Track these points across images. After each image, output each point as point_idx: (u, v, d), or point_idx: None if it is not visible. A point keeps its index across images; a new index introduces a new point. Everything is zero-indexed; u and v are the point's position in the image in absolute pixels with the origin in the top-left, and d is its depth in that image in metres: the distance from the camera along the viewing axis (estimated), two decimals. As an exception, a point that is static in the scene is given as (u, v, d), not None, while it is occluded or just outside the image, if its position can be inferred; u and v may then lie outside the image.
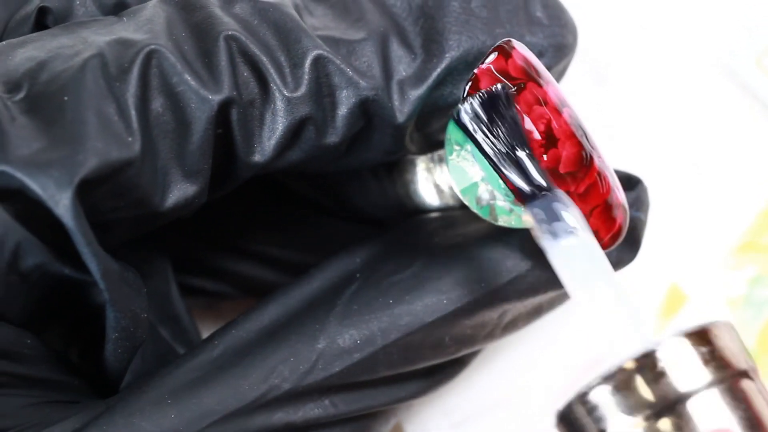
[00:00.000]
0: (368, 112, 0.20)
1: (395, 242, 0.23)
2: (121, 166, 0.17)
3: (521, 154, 0.19)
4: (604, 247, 0.19)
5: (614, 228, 0.19)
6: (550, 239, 0.18)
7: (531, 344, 0.29)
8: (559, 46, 0.22)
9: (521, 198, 0.19)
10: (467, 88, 0.19)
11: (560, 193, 0.18)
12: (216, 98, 0.18)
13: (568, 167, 0.19)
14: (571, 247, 0.17)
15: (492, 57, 0.19)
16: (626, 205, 0.20)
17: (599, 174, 0.19)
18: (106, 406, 0.19)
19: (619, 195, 0.20)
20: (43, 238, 0.18)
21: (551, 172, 0.19)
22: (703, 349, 0.16)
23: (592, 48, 0.31)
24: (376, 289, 0.21)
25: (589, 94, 0.31)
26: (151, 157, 0.18)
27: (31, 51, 0.18)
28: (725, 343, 0.16)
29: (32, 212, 0.17)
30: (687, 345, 0.16)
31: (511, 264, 0.21)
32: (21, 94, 0.17)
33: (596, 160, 0.19)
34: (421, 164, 0.24)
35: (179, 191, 0.19)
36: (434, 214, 0.24)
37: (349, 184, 0.25)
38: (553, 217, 0.18)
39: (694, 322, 0.29)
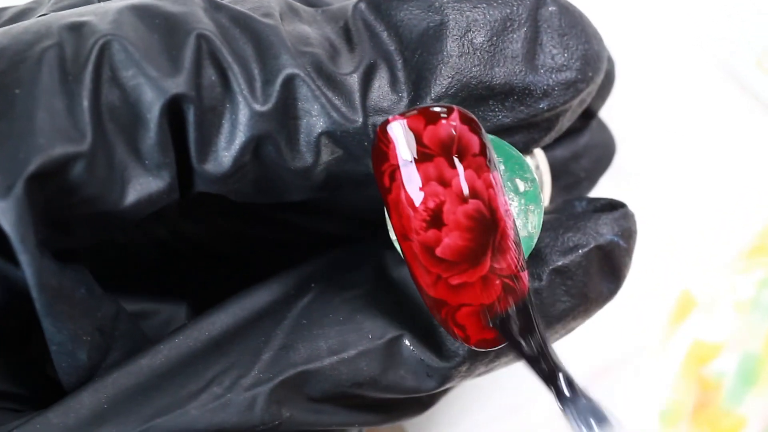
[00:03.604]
0: (341, 143, 0.19)
1: (359, 253, 0.22)
2: (66, 162, 0.17)
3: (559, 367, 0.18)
4: (469, 344, 0.19)
5: (487, 336, 0.18)
6: None
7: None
8: (568, 84, 0.20)
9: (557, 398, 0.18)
10: (377, 131, 0.18)
11: (595, 401, 0.18)
12: (171, 89, 0.18)
13: (447, 255, 0.18)
14: None
15: (415, 111, 0.18)
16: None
17: (485, 279, 0.18)
18: (47, 408, 0.18)
19: (511, 310, 0.18)
20: None
21: (424, 246, 0.18)
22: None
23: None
24: (329, 305, 0.20)
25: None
26: (105, 152, 0.17)
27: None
28: None
29: None
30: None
31: None
32: None
33: (490, 266, 0.18)
34: None
35: (141, 187, 0.18)
36: None
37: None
38: (589, 425, 0.17)
39: (702, 328, 0.29)
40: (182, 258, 0.25)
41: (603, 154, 0.27)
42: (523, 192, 0.20)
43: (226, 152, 0.18)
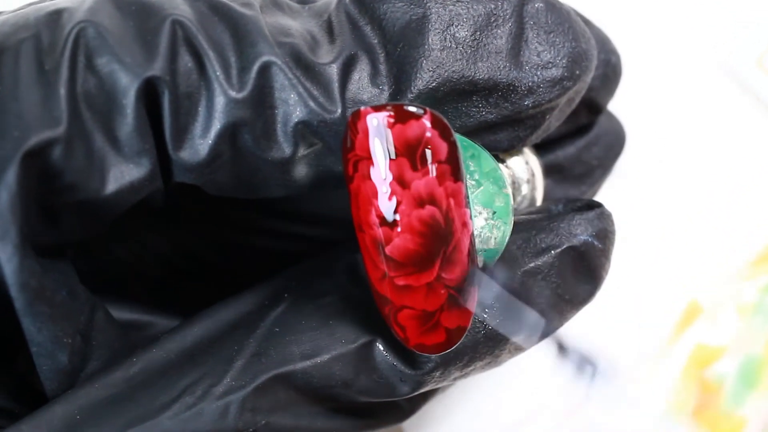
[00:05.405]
0: (319, 134, 0.19)
1: (332, 260, 0.21)
2: (41, 149, 0.17)
3: None
4: (409, 346, 0.19)
5: (426, 341, 0.18)
6: None
7: (540, 362, 0.29)
8: (554, 81, 0.20)
9: None
10: (348, 119, 0.18)
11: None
12: (145, 74, 0.18)
13: (395, 255, 0.18)
14: None
15: (389, 107, 0.17)
16: (464, 329, 0.19)
17: (430, 286, 0.18)
18: (20, 420, 0.18)
19: (456, 318, 0.18)
20: None
21: (375, 241, 0.18)
22: None
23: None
24: (302, 312, 0.20)
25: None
26: (83, 139, 0.17)
27: None
28: None
29: None
30: None
31: None
32: None
33: (437, 275, 0.18)
34: None
35: (121, 174, 0.18)
36: None
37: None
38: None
39: (705, 332, 0.29)
40: (182, 272, 0.25)
41: (614, 141, 0.27)
42: (494, 206, 0.20)
43: (201, 140, 0.18)
